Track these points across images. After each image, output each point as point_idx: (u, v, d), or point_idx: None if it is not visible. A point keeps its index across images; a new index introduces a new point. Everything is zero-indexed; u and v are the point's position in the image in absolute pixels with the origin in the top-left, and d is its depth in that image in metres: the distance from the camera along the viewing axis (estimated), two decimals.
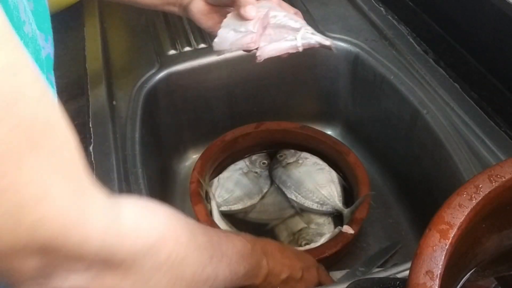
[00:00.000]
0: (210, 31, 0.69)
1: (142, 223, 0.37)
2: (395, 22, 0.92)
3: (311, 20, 0.96)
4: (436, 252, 0.34)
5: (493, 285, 0.43)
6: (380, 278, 0.54)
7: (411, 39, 0.88)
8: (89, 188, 0.33)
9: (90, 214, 0.32)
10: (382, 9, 0.96)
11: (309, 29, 0.63)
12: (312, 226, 0.82)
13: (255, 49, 0.63)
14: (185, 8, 0.69)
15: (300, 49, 0.62)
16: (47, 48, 0.48)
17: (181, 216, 0.42)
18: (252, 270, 0.52)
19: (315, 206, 0.82)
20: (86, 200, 0.32)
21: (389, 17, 0.94)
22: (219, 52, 0.63)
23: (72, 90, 0.83)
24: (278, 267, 0.57)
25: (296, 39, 0.62)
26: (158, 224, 0.38)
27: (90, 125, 0.75)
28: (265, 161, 0.91)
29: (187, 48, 0.91)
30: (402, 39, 0.89)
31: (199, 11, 0.68)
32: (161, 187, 0.89)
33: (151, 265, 0.36)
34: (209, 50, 0.91)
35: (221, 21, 0.64)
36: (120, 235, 0.34)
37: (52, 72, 0.51)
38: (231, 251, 0.48)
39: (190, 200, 0.79)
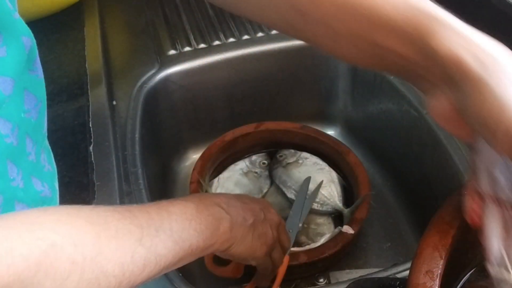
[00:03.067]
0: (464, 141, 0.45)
1: (16, 244, 0.31)
2: None
3: None
4: (436, 252, 0.34)
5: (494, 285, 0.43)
6: (380, 278, 0.54)
7: None
8: None
9: None
10: None
11: None
12: (312, 226, 0.82)
13: None
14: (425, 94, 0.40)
15: None
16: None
17: (83, 210, 0.39)
18: (209, 228, 0.47)
19: (315, 206, 0.82)
20: None
21: None
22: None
23: (72, 90, 0.83)
24: (240, 214, 0.52)
25: None
26: (43, 235, 0.33)
27: (90, 125, 0.75)
28: (265, 161, 0.91)
29: (187, 48, 0.91)
30: None
31: (438, 114, 0.38)
32: (161, 187, 0.89)
33: (58, 273, 0.33)
34: (209, 50, 0.91)
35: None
36: None
37: (33, 135, 0.48)
38: (168, 221, 0.43)
39: None
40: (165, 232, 0.42)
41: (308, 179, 0.83)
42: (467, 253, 0.41)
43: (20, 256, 0.31)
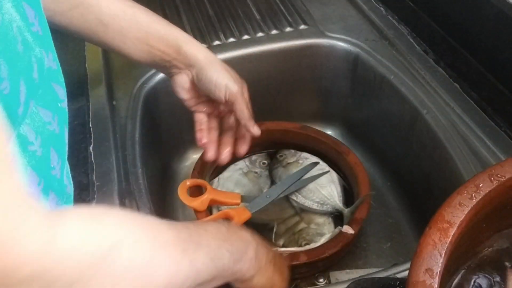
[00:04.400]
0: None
1: (89, 235, 0.33)
2: (395, 22, 0.92)
3: (311, 20, 0.96)
4: (436, 251, 0.34)
5: (493, 284, 0.43)
6: (380, 278, 0.54)
7: (411, 39, 0.88)
8: (24, 202, 0.29)
9: (24, 234, 0.28)
10: (382, 9, 0.96)
11: None
12: (312, 226, 0.82)
13: None
14: (171, 76, 0.72)
15: None
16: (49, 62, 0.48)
17: (138, 216, 0.40)
18: (239, 249, 0.49)
19: (315, 206, 0.82)
20: (19, 217, 0.28)
21: (389, 17, 0.94)
22: None
23: (72, 90, 0.82)
24: (263, 244, 0.54)
25: None
26: (108, 232, 0.35)
27: (90, 125, 0.75)
28: (265, 161, 0.91)
29: None
30: (402, 39, 0.89)
31: (180, 85, 0.71)
32: (161, 187, 0.89)
33: (112, 278, 0.34)
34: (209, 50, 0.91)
35: (193, 98, 0.72)
36: (61, 256, 0.30)
37: (57, 81, 0.50)
38: (206, 238, 0.45)
39: None
40: (204, 248, 0.43)
41: (315, 164, 0.85)
42: (467, 251, 0.41)
43: (86, 255, 0.32)
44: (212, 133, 0.74)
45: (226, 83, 0.67)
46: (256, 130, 0.71)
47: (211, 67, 0.67)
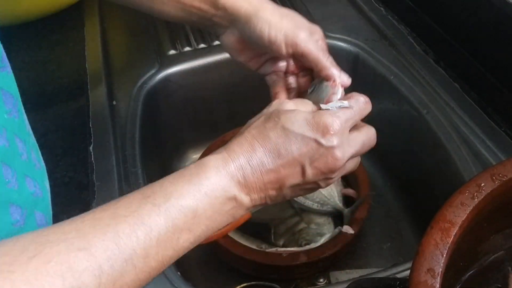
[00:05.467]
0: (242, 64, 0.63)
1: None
2: (395, 22, 0.92)
3: (311, 20, 0.95)
4: (438, 250, 0.34)
5: (494, 284, 0.43)
6: (380, 278, 0.54)
7: (411, 39, 0.88)
8: None
9: None
10: (382, 9, 0.96)
11: None
12: (312, 226, 0.82)
13: None
14: (218, 37, 0.62)
15: None
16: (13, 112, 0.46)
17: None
18: (223, 223, 0.43)
19: (315, 206, 0.82)
20: None
21: (389, 17, 0.94)
22: None
23: (72, 90, 0.83)
24: (262, 194, 0.45)
25: None
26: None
27: (90, 125, 0.75)
28: None
29: (187, 48, 0.91)
30: (402, 39, 0.89)
31: (229, 46, 0.61)
32: None
33: None
34: (209, 50, 0.91)
35: (254, 58, 0.61)
36: None
37: (20, 134, 0.47)
38: (137, 248, 0.37)
39: None
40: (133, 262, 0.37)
41: None
42: (468, 251, 0.41)
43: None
44: (292, 95, 0.62)
45: (283, 35, 0.54)
46: (345, 79, 0.57)
47: (258, 19, 0.54)
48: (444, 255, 0.34)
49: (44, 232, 0.35)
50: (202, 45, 0.92)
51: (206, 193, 0.41)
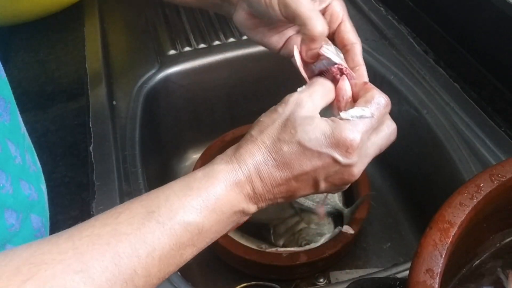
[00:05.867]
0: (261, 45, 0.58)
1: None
2: (395, 22, 0.92)
3: None
4: (437, 251, 0.34)
5: (493, 284, 0.43)
6: (380, 278, 0.54)
7: (411, 39, 0.88)
8: None
9: None
10: (382, 9, 0.96)
11: None
12: (312, 226, 0.82)
13: None
14: (231, 18, 0.58)
15: None
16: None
17: None
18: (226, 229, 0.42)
19: (315, 206, 0.82)
20: None
21: (389, 17, 0.94)
22: None
23: (72, 90, 0.83)
24: (270, 201, 0.45)
25: None
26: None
27: (90, 125, 0.75)
28: None
29: (187, 48, 0.91)
30: (402, 39, 0.89)
31: (242, 25, 0.56)
32: None
33: None
34: (209, 50, 0.91)
35: (272, 36, 0.56)
36: None
37: (12, 138, 0.46)
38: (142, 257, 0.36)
39: None
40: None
41: None
42: (467, 252, 0.41)
43: None
44: None
45: None
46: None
47: None
48: (443, 256, 0.34)
49: (39, 250, 0.33)
50: (202, 45, 0.92)
51: (214, 209, 0.40)
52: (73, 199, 0.65)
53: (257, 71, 0.92)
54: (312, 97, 0.46)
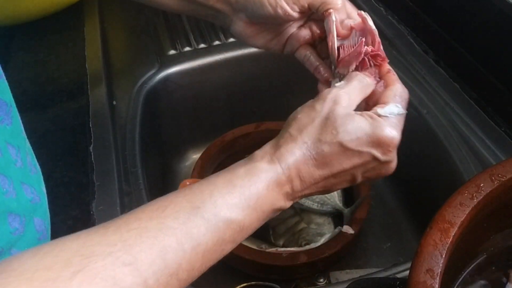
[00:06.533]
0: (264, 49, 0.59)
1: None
2: (395, 22, 0.92)
3: None
4: (437, 251, 0.34)
5: (494, 284, 0.43)
6: (380, 278, 0.54)
7: (411, 39, 0.88)
8: None
9: None
10: (382, 9, 0.96)
11: None
12: (312, 226, 0.82)
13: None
14: (228, 29, 0.59)
15: None
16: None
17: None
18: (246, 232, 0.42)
19: (315, 206, 0.82)
20: None
21: (389, 17, 0.94)
22: None
23: (72, 90, 0.83)
24: (304, 194, 0.44)
25: None
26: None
27: (90, 125, 0.75)
28: None
29: (187, 48, 0.91)
30: (402, 39, 0.89)
31: (241, 34, 0.57)
32: (161, 187, 0.89)
33: None
34: (209, 50, 0.91)
35: (274, 39, 0.56)
36: None
37: (13, 141, 0.46)
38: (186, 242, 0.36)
39: None
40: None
41: None
42: (468, 252, 0.41)
43: None
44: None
45: None
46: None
47: None
48: (443, 256, 0.34)
49: (88, 242, 0.34)
50: (202, 45, 0.92)
51: (255, 208, 0.41)
52: (73, 199, 0.65)
53: (257, 71, 0.92)
54: (350, 94, 0.46)
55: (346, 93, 0.45)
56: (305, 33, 0.56)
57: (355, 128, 0.43)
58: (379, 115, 0.44)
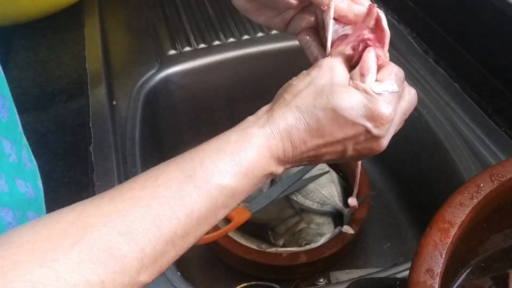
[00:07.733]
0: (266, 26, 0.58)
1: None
2: (395, 22, 0.92)
3: None
4: (437, 251, 0.34)
5: (494, 284, 0.43)
6: (380, 278, 0.54)
7: (411, 39, 0.88)
8: None
9: None
10: (382, 9, 0.96)
11: None
12: (312, 226, 0.82)
13: None
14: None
15: None
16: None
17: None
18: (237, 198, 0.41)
19: (315, 206, 0.82)
20: None
21: (389, 17, 0.94)
22: None
23: (72, 90, 0.83)
24: (297, 162, 0.44)
25: None
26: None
27: (90, 125, 0.75)
28: None
29: (187, 48, 0.91)
30: (402, 39, 0.89)
31: (242, 8, 0.55)
32: None
33: None
34: (209, 50, 0.91)
35: (276, 17, 0.54)
36: None
37: (9, 135, 0.46)
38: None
39: None
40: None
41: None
42: (467, 252, 0.41)
43: None
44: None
45: None
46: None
47: None
48: (443, 256, 0.34)
49: (84, 213, 0.35)
50: (202, 45, 0.92)
51: (246, 174, 0.41)
52: (73, 199, 0.65)
53: (257, 71, 0.92)
54: (344, 64, 0.46)
55: (341, 63, 0.46)
56: (309, 16, 0.54)
57: (351, 97, 0.43)
58: (374, 92, 0.45)
